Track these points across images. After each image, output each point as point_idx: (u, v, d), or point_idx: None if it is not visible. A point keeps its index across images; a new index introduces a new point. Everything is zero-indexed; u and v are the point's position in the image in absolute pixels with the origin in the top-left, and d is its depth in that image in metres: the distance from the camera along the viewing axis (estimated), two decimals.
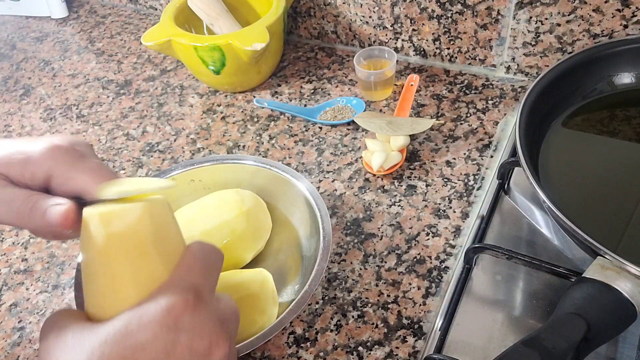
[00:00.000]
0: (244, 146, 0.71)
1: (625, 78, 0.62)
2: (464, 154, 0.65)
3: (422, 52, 0.78)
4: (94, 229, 0.31)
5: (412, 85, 0.71)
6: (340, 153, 0.68)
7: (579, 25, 0.65)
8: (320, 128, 0.72)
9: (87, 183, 0.36)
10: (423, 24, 0.75)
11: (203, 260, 0.34)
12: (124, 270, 0.31)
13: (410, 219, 0.59)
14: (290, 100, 0.77)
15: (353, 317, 0.51)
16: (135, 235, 0.31)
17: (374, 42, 0.81)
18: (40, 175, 0.35)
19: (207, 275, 0.34)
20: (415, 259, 0.55)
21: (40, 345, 0.32)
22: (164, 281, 0.32)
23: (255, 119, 0.75)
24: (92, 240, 0.31)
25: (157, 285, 0.32)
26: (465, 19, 0.71)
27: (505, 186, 0.60)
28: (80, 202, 0.35)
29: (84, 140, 0.39)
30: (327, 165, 0.66)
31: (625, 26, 0.63)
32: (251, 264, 0.56)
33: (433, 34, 0.75)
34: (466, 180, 0.62)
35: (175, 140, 0.74)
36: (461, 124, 0.68)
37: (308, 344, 0.50)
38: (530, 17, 0.67)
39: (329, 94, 0.77)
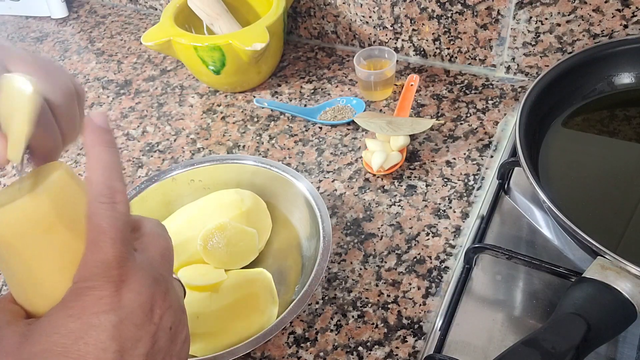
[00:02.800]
0: (244, 146, 0.71)
1: (625, 78, 0.62)
2: (464, 154, 0.65)
3: (422, 52, 0.78)
4: None
5: (412, 85, 0.71)
6: (340, 153, 0.68)
7: (579, 25, 0.65)
8: (320, 128, 0.72)
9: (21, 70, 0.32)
10: (423, 24, 0.75)
11: (112, 217, 0.30)
12: (38, 260, 0.29)
13: (410, 219, 0.59)
14: (290, 100, 0.77)
15: (353, 317, 0.51)
16: (36, 222, 0.28)
17: (374, 42, 0.81)
18: None
19: (123, 233, 0.30)
20: (415, 259, 0.55)
21: None
22: (81, 260, 0.29)
23: (255, 119, 0.75)
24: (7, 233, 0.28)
25: (78, 259, 0.29)
26: (465, 19, 0.71)
27: (505, 186, 0.60)
28: None
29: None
30: (327, 165, 0.66)
31: (625, 26, 0.63)
32: (251, 264, 0.56)
33: (433, 34, 0.75)
34: (466, 180, 0.62)
35: (175, 140, 0.74)
36: (461, 124, 0.68)
37: (308, 344, 0.50)
38: (530, 17, 0.67)
39: (329, 94, 0.77)
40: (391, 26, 0.77)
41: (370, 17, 0.78)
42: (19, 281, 0.30)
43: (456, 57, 0.76)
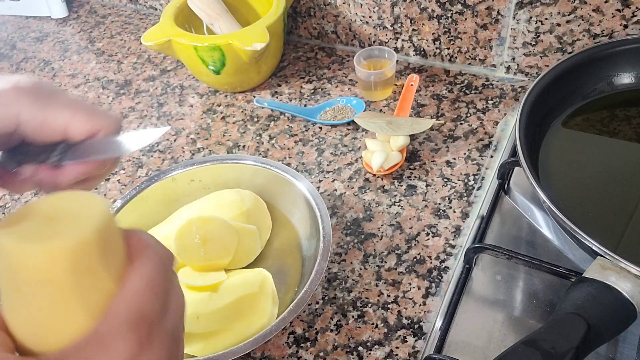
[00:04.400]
0: (244, 146, 0.71)
1: (625, 78, 0.62)
2: (464, 154, 0.65)
3: (422, 52, 0.78)
4: (16, 260, 0.26)
5: (412, 85, 0.71)
6: (340, 153, 0.68)
7: (579, 25, 0.65)
8: (320, 128, 0.72)
9: (69, 121, 0.31)
10: (423, 24, 0.75)
11: (153, 277, 0.28)
12: (67, 295, 0.27)
13: (410, 219, 0.59)
14: (290, 100, 0.77)
15: (353, 317, 0.51)
16: (78, 260, 0.27)
17: (374, 42, 0.81)
18: (3, 120, 0.31)
19: (159, 295, 0.28)
20: (415, 259, 0.55)
21: None
22: (110, 310, 0.27)
23: (255, 119, 0.75)
24: (16, 267, 0.26)
25: (106, 299, 0.28)
26: (465, 19, 0.71)
27: (505, 186, 0.60)
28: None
29: (49, 81, 0.35)
30: (327, 165, 0.66)
31: (625, 26, 0.63)
32: (251, 264, 0.56)
33: (433, 34, 0.75)
34: (466, 180, 0.62)
35: (175, 140, 0.74)
36: (461, 124, 0.68)
37: (308, 344, 0.50)
38: (530, 17, 0.67)
39: (329, 94, 0.77)
40: (391, 26, 0.77)
41: (370, 17, 0.78)
42: (31, 313, 0.27)
43: (456, 57, 0.76)
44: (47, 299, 0.27)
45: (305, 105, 0.76)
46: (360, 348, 0.49)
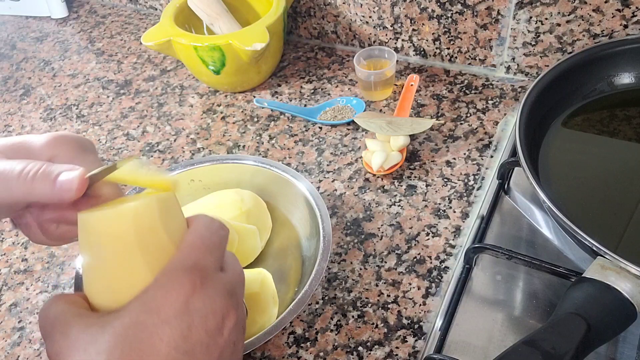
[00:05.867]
0: (244, 146, 0.71)
1: (625, 78, 0.62)
2: (464, 154, 0.65)
3: (422, 52, 0.78)
4: (93, 229, 0.31)
5: (412, 85, 0.71)
6: (340, 153, 0.68)
7: (579, 25, 0.65)
8: (320, 128, 0.72)
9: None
10: (423, 24, 0.75)
11: (207, 237, 0.34)
12: (135, 255, 0.31)
13: (410, 219, 0.59)
14: (290, 100, 0.77)
15: (353, 317, 0.51)
16: (137, 228, 0.31)
17: (374, 42, 0.81)
18: (40, 157, 0.34)
19: (212, 251, 0.33)
20: (415, 259, 0.55)
21: (48, 346, 0.30)
22: (168, 262, 0.32)
23: (255, 119, 0.75)
24: (93, 236, 0.31)
25: (167, 260, 0.32)
26: (465, 19, 0.71)
27: (505, 186, 0.60)
28: None
29: (87, 138, 0.39)
30: (327, 165, 0.66)
31: (625, 26, 0.63)
32: (251, 264, 0.56)
33: (433, 34, 0.75)
34: (466, 180, 0.62)
35: (175, 140, 0.74)
36: (461, 124, 0.68)
37: (308, 344, 0.50)
38: (530, 17, 0.67)
39: (329, 94, 0.77)
40: (391, 26, 0.77)
41: (370, 17, 0.78)
42: (105, 272, 0.32)
43: (456, 57, 0.76)
44: (116, 255, 0.31)
45: (305, 105, 0.76)
46: (360, 348, 0.49)
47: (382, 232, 0.58)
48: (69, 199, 0.32)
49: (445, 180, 0.62)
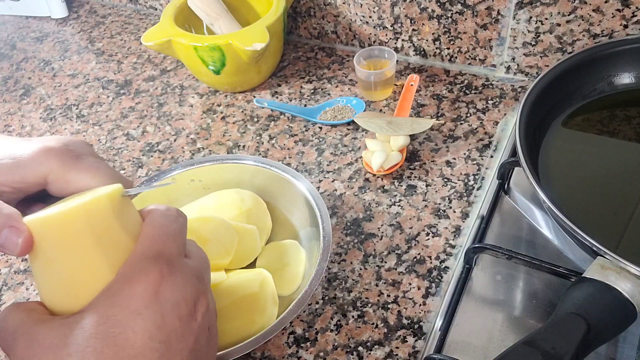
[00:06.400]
0: (244, 146, 0.71)
1: (625, 78, 0.62)
2: (464, 154, 0.65)
3: (422, 52, 0.78)
4: (45, 233, 0.30)
5: (412, 85, 0.71)
6: (340, 153, 0.68)
7: (579, 25, 0.65)
8: (320, 128, 0.72)
9: (89, 183, 0.35)
10: (423, 24, 0.75)
11: (166, 225, 0.33)
12: (88, 251, 0.30)
13: (410, 219, 0.59)
14: (290, 100, 0.77)
15: (353, 317, 0.51)
16: (92, 226, 0.30)
17: (374, 42, 0.81)
18: (32, 179, 0.34)
19: (174, 239, 0.33)
20: (415, 259, 0.55)
21: (12, 357, 0.29)
22: (130, 256, 0.31)
23: (255, 119, 0.75)
24: (46, 240, 0.30)
25: (126, 254, 0.31)
26: (465, 19, 0.71)
27: (505, 186, 0.60)
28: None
29: (79, 139, 0.38)
30: (327, 165, 0.66)
31: (625, 26, 0.63)
32: (251, 264, 0.56)
33: (433, 34, 0.75)
34: (466, 180, 0.62)
35: (175, 140, 0.74)
36: (461, 124, 0.68)
37: (308, 344, 0.50)
38: (530, 17, 0.67)
39: (329, 94, 0.77)
40: (391, 26, 0.77)
41: (370, 17, 0.78)
42: (61, 276, 0.31)
43: (456, 57, 0.76)
44: (73, 256, 0.30)
45: (305, 105, 0.76)
46: (360, 348, 0.49)
47: (382, 232, 0.58)
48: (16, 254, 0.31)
49: (445, 180, 0.62)
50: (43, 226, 0.30)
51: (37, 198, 0.38)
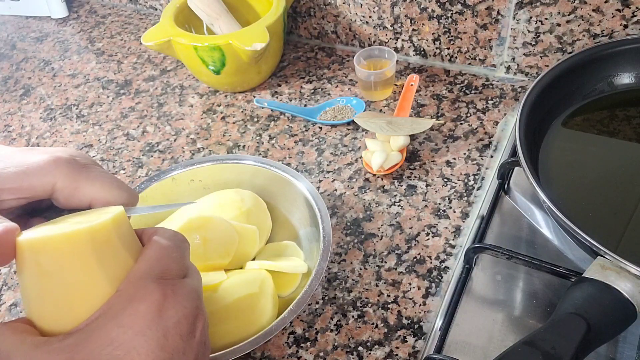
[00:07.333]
0: (244, 146, 0.71)
1: (625, 78, 0.62)
2: (464, 154, 0.65)
3: (422, 52, 0.78)
4: (42, 252, 0.30)
5: (412, 85, 0.71)
6: (340, 153, 0.68)
7: (579, 25, 0.65)
8: (320, 128, 0.72)
9: (97, 192, 0.35)
10: (423, 24, 0.75)
11: (172, 248, 0.34)
12: (91, 270, 0.30)
13: (410, 219, 0.59)
14: (290, 100, 0.77)
15: (353, 317, 0.51)
16: (95, 246, 0.31)
17: (374, 42, 0.81)
18: (40, 187, 0.34)
19: (177, 261, 0.34)
20: (415, 259, 0.55)
21: None
22: (131, 273, 0.31)
23: (255, 119, 0.75)
24: (44, 258, 0.30)
25: (125, 272, 0.32)
26: (465, 19, 0.71)
27: (505, 186, 0.60)
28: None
29: (84, 153, 0.38)
30: (327, 165, 0.66)
31: (625, 26, 0.63)
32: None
33: (433, 34, 0.75)
34: (466, 180, 0.62)
35: (175, 140, 0.74)
36: (461, 124, 0.68)
37: (308, 344, 0.50)
38: (530, 17, 0.67)
39: (329, 94, 0.77)
40: (391, 26, 0.77)
41: (370, 17, 0.78)
42: (56, 295, 0.30)
43: (456, 57, 0.76)
44: (72, 275, 0.30)
45: (305, 105, 0.76)
46: (360, 348, 0.49)
47: (382, 232, 0.58)
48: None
49: (445, 180, 0.62)
50: (45, 243, 0.30)
51: (37, 211, 0.38)
